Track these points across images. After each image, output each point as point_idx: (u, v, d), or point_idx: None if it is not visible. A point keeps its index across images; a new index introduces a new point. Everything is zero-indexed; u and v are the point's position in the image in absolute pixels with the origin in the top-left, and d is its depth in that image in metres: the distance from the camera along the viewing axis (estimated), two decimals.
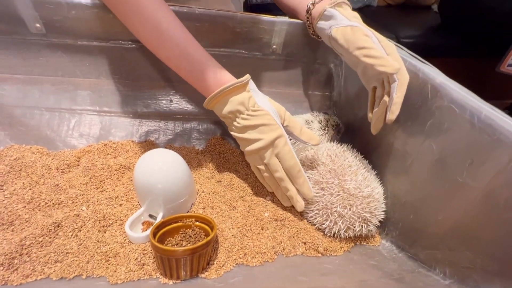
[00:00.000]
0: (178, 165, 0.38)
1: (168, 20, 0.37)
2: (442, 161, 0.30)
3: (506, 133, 0.23)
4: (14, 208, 0.36)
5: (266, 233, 0.38)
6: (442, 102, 0.30)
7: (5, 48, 0.44)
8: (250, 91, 0.38)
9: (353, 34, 0.36)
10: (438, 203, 0.31)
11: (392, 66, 0.33)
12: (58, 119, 0.47)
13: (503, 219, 0.24)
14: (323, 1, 0.42)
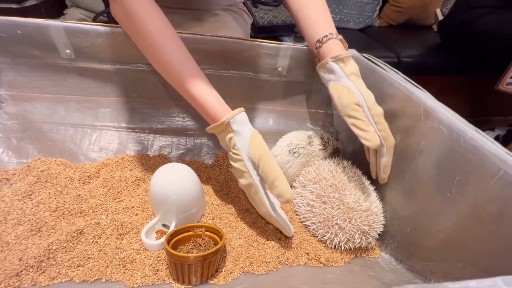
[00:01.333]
0: (191, 178, 0.41)
1: (174, 56, 0.39)
2: (434, 177, 0.33)
3: (488, 154, 0.26)
4: (41, 216, 0.39)
5: (271, 243, 0.40)
6: (433, 124, 0.33)
7: (38, 71, 0.49)
8: (231, 131, 0.38)
9: (346, 99, 0.39)
10: (432, 217, 0.33)
11: (374, 142, 0.37)
12: (81, 134, 0.52)
13: (488, 233, 0.26)
14: (329, 44, 0.43)
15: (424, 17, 1.34)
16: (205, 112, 0.39)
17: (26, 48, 0.47)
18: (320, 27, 0.44)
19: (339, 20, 1.28)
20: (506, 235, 0.24)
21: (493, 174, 0.25)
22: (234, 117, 0.38)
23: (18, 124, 0.49)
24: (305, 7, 0.47)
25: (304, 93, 0.58)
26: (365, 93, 0.40)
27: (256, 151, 0.37)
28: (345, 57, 0.41)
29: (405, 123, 0.38)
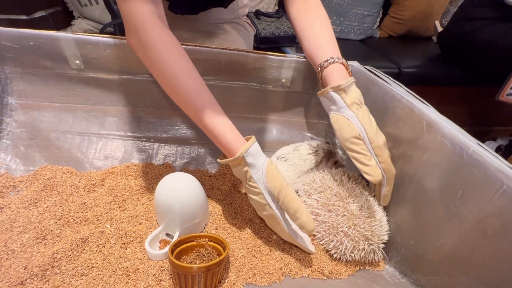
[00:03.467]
0: (195, 188, 0.41)
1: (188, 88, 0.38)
2: (438, 190, 0.33)
3: (491, 168, 0.26)
4: (47, 224, 0.40)
5: (274, 254, 0.40)
6: (436, 137, 0.33)
7: (48, 81, 0.51)
8: (246, 165, 0.37)
9: (347, 132, 0.39)
10: (436, 230, 0.33)
11: (376, 177, 0.37)
12: (87, 143, 0.52)
13: (492, 247, 0.26)
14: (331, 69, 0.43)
15: (423, 28, 1.36)
16: (219, 143, 0.38)
17: (37, 59, 0.48)
18: (322, 50, 0.45)
19: (340, 31, 1.31)
20: (510, 250, 0.24)
21: (497, 189, 0.25)
22: (247, 150, 0.36)
23: (26, 132, 0.50)
24: (308, 28, 0.48)
25: (307, 103, 0.58)
26: (366, 124, 0.39)
27: (274, 184, 0.36)
28: (346, 86, 0.41)
29: (408, 136, 0.39)
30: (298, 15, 0.50)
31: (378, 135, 0.40)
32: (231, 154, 0.37)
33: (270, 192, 0.37)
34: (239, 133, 0.38)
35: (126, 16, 0.38)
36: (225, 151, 0.39)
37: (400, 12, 1.32)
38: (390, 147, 0.40)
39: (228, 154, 0.38)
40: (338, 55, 0.45)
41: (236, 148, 0.37)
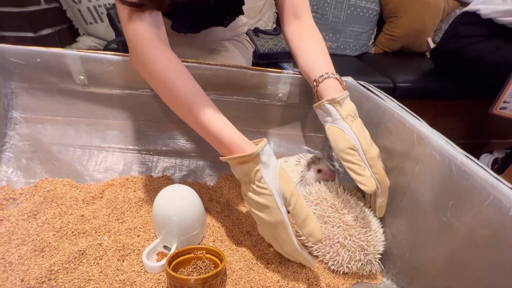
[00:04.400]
0: (193, 200, 0.42)
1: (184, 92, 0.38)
2: (430, 202, 0.34)
3: (478, 179, 0.27)
4: (45, 236, 0.40)
5: (271, 267, 0.40)
6: (426, 150, 0.35)
7: (52, 95, 0.52)
8: (259, 163, 0.35)
9: (342, 143, 0.40)
10: (430, 241, 0.33)
11: (370, 187, 0.38)
12: (88, 155, 0.53)
13: (483, 257, 0.26)
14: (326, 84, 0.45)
15: (417, 44, 1.41)
16: (222, 143, 0.36)
17: (43, 74, 0.50)
18: (317, 66, 0.47)
19: (336, 48, 1.35)
20: (500, 259, 0.25)
21: (484, 199, 0.26)
22: (263, 148, 0.35)
23: (29, 145, 0.51)
24: (303, 46, 0.50)
25: (304, 117, 0.60)
26: (360, 136, 0.40)
27: (287, 186, 0.35)
28: (341, 99, 0.42)
29: (400, 149, 0.40)
30: (293, 35, 0.53)
31: (372, 147, 0.41)
32: (237, 151, 0.35)
33: (282, 195, 0.35)
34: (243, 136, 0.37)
35: (129, 37, 0.40)
36: (228, 151, 0.36)
37: (394, 29, 1.37)
38: (384, 159, 0.41)
39: (233, 152, 0.36)
40: (332, 71, 0.47)
41: (246, 146, 0.35)
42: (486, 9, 0.96)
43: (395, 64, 1.27)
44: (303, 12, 0.53)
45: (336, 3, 1.28)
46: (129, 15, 0.39)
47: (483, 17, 0.97)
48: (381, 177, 0.40)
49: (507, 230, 0.24)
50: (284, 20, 0.54)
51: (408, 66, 1.26)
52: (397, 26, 1.36)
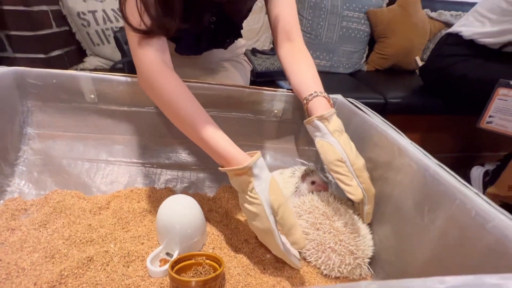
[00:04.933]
0: (194, 209, 0.45)
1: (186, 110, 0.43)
2: (410, 207, 0.37)
3: (448, 185, 0.31)
4: (55, 244, 0.43)
5: (268, 272, 0.43)
6: (405, 160, 0.38)
7: (64, 112, 0.56)
8: (252, 175, 0.38)
9: (331, 156, 0.44)
10: (412, 244, 0.36)
11: (357, 196, 0.41)
12: (95, 169, 0.57)
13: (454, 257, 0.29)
14: (315, 102, 0.48)
15: (407, 63, 1.48)
16: (220, 155, 0.40)
17: (57, 94, 0.55)
18: (307, 85, 0.51)
19: (330, 66, 1.42)
20: (467, 257, 0.28)
21: (452, 203, 0.30)
22: (256, 161, 0.38)
23: (40, 159, 0.55)
24: (295, 67, 0.55)
25: (298, 132, 0.64)
26: (347, 148, 0.44)
27: (276, 197, 0.38)
28: (328, 116, 0.46)
29: (384, 160, 0.43)
30: (286, 57, 0.58)
31: (358, 158, 0.45)
32: (233, 164, 0.39)
33: (271, 205, 0.38)
34: (239, 148, 0.41)
35: (138, 61, 0.45)
36: (225, 162, 0.40)
37: (384, 48, 1.45)
38: (370, 169, 0.45)
39: (230, 164, 0.40)
40: (321, 90, 0.52)
41: (240, 158, 0.39)
42: (467, 31, 1.03)
43: (386, 81, 1.33)
44: (295, 35, 0.58)
45: (329, 25, 1.36)
46: (138, 41, 0.44)
47: (465, 38, 1.04)
48: (367, 186, 0.43)
49: (471, 230, 0.27)
50: (278, 42, 0.60)
51: (398, 83, 1.32)
52: (387, 46, 1.44)
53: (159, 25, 0.42)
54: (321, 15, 1.35)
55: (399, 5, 1.41)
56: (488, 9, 0.98)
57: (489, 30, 0.98)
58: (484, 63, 1.01)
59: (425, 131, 1.32)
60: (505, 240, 0.24)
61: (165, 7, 0.42)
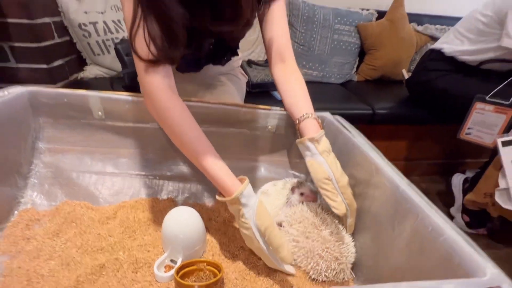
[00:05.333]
0: (195, 220, 0.50)
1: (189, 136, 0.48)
2: (385, 220, 0.43)
3: (413, 202, 0.37)
4: (69, 252, 0.47)
5: (261, 276, 0.48)
6: (381, 179, 0.44)
7: (73, 128, 0.61)
8: (240, 204, 0.44)
9: (319, 174, 0.49)
10: (386, 252, 0.42)
11: (341, 210, 0.47)
12: (102, 181, 0.61)
13: (417, 263, 0.35)
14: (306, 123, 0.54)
15: (395, 73, 1.56)
16: (217, 184, 0.47)
17: (67, 111, 0.59)
18: (299, 108, 0.56)
19: (322, 76, 1.49)
20: (427, 265, 0.34)
21: (415, 218, 0.35)
22: (242, 192, 0.44)
23: (51, 172, 0.59)
24: (288, 86, 0.60)
25: (290, 146, 0.69)
26: (333, 167, 0.50)
27: (262, 222, 0.43)
28: (318, 137, 0.51)
29: (364, 177, 0.49)
30: (279, 76, 0.63)
31: (343, 177, 0.50)
32: (228, 194, 0.45)
33: (258, 229, 0.44)
34: (233, 175, 0.47)
35: (146, 87, 0.50)
36: (222, 191, 0.47)
37: (374, 60, 1.53)
38: (352, 185, 0.51)
39: (225, 194, 0.46)
40: (312, 111, 0.57)
41: (233, 190, 0.44)
42: (448, 48, 1.11)
43: (375, 92, 1.40)
44: (288, 57, 0.64)
45: (321, 38, 1.42)
46: (145, 68, 0.49)
47: (446, 54, 1.11)
48: (350, 201, 0.49)
49: (428, 242, 0.33)
50: (272, 62, 0.65)
51: (386, 93, 1.39)
52: (376, 58, 1.51)
53: (165, 55, 0.47)
54: (314, 28, 1.41)
55: (387, 19, 1.49)
56: (467, 29, 1.05)
57: (468, 48, 1.05)
58: (463, 79, 1.08)
59: (412, 139, 1.40)
60: (452, 251, 0.30)
61: (170, 40, 0.47)
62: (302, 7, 1.40)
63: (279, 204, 0.57)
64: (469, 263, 0.28)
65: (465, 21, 1.08)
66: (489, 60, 1.03)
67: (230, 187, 0.45)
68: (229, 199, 0.45)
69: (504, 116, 0.99)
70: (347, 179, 0.50)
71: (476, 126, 1.05)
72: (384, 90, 1.44)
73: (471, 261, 0.28)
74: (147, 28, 0.45)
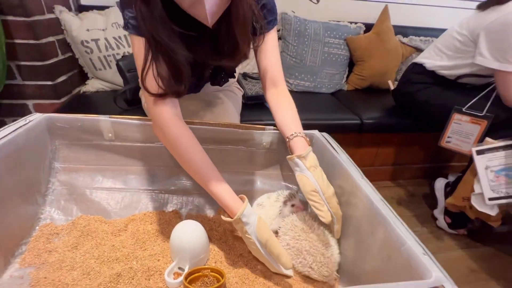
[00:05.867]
0: (200, 232, 0.56)
1: (200, 166, 0.55)
2: (363, 229, 0.50)
3: (383, 215, 0.44)
4: (88, 263, 0.53)
5: (259, 280, 0.55)
6: (359, 194, 0.52)
7: (86, 149, 0.67)
8: (243, 223, 0.51)
9: (307, 187, 0.55)
10: (363, 257, 0.49)
11: (327, 218, 0.53)
12: (113, 196, 0.67)
13: (386, 269, 0.43)
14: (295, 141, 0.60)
15: (382, 83, 1.64)
16: (221, 204, 0.54)
17: (80, 134, 0.65)
18: (289, 126, 0.64)
19: (314, 87, 1.56)
20: (393, 270, 0.41)
21: (384, 230, 0.43)
22: (243, 213, 0.51)
23: (66, 189, 0.65)
24: (279, 108, 0.68)
25: (283, 161, 0.76)
26: (319, 181, 0.57)
27: (262, 236, 0.51)
28: (306, 155, 0.58)
29: (346, 190, 0.57)
30: (272, 99, 0.70)
31: (328, 188, 0.57)
32: (232, 215, 0.53)
33: (259, 242, 0.52)
34: (236, 196, 0.54)
35: (154, 116, 0.56)
36: (226, 210, 0.54)
37: (362, 70, 1.61)
38: (339, 194, 0.58)
39: (230, 214, 0.53)
40: (300, 130, 0.64)
41: (236, 210, 0.52)
42: (429, 63, 1.19)
43: (363, 101, 1.49)
44: (279, 83, 0.71)
45: (312, 51, 1.50)
46: (154, 101, 0.55)
47: (427, 69, 1.20)
48: (335, 210, 0.56)
49: (393, 250, 0.40)
50: (266, 87, 0.72)
51: (374, 103, 1.47)
52: (364, 68, 1.60)
53: (172, 90, 0.54)
54: (305, 42, 1.49)
55: (374, 32, 1.57)
56: (445, 46, 1.14)
57: (446, 64, 1.14)
58: (442, 91, 1.17)
59: (398, 145, 1.49)
60: (411, 258, 0.37)
61: (176, 77, 0.54)
62: (294, 21, 1.47)
63: (273, 215, 0.65)
64: (422, 268, 0.35)
65: (443, 39, 1.17)
66: (465, 75, 1.12)
67: (233, 209, 0.52)
68: (232, 220, 0.52)
69: (478, 127, 1.08)
70: (332, 190, 0.57)
71: (454, 135, 1.14)
72: (372, 100, 1.52)
73: (423, 266, 0.35)
74: (156, 68, 0.51)
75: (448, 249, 1.18)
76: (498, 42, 0.96)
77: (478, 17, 1.03)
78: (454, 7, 1.79)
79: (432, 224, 1.30)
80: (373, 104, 1.46)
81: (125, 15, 0.53)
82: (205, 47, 0.58)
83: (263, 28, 0.63)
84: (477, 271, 1.08)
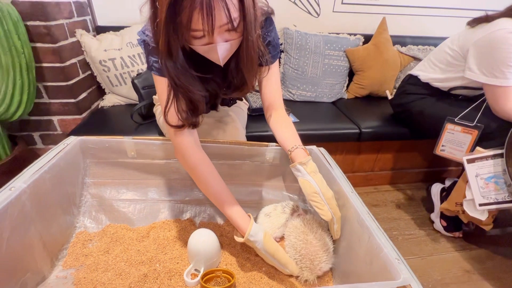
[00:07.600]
0: (213, 238, 0.66)
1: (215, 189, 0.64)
2: (354, 235, 0.58)
3: (366, 227, 0.52)
4: (119, 265, 0.63)
5: (264, 280, 0.64)
6: (349, 206, 0.60)
7: (111, 166, 0.77)
8: (251, 242, 0.60)
9: (309, 189, 0.62)
10: (352, 259, 0.58)
11: (327, 216, 0.60)
12: (135, 206, 0.77)
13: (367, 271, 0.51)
14: (296, 152, 0.67)
15: (381, 91, 1.72)
16: (234, 224, 0.63)
17: (107, 153, 0.75)
18: (289, 141, 0.72)
19: (315, 96, 1.64)
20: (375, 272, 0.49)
21: (368, 239, 0.51)
22: (250, 233, 0.59)
23: (96, 201, 0.75)
24: (279, 128, 0.76)
25: (285, 173, 0.85)
26: (320, 183, 0.65)
27: (269, 249, 0.60)
28: (306, 161, 0.66)
29: (340, 203, 0.65)
30: (273, 121, 0.79)
31: (328, 190, 0.65)
32: (242, 233, 0.61)
33: (268, 253, 0.61)
34: (246, 216, 0.63)
35: (175, 144, 0.65)
36: (237, 230, 0.63)
37: (361, 80, 1.68)
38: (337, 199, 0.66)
39: (241, 232, 0.62)
40: (300, 143, 0.73)
41: (245, 230, 0.60)
42: (423, 75, 1.26)
43: (362, 110, 1.56)
44: (279, 107, 0.80)
45: (313, 63, 1.58)
46: (175, 132, 0.64)
47: (422, 80, 1.27)
48: (334, 210, 0.63)
49: (374, 255, 0.49)
50: (266, 110, 0.81)
51: (373, 112, 1.54)
52: (364, 78, 1.67)
53: (189, 122, 0.63)
54: (306, 55, 1.57)
55: (372, 44, 1.65)
56: (438, 60, 1.21)
57: (439, 76, 1.21)
58: (436, 102, 1.24)
59: (396, 152, 1.56)
60: (387, 263, 0.46)
61: (193, 111, 0.63)
62: (295, 36, 1.56)
63: (278, 224, 0.73)
64: (394, 270, 0.43)
65: (436, 53, 1.24)
66: (457, 87, 1.18)
67: (243, 229, 0.61)
68: (243, 240, 0.61)
69: (470, 136, 1.15)
70: (331, 193, 0.65)
71: (448, 144, 1.21)
72: (371, 108, 1.59)
73: (395, 268, 0.43)
74: (176, 104, 0.61)
75: (444, 251, 1.25)
76: (485, 57, 1.03)
77: (468, 33, 1.10)
78: (450, 16, 1.85)
79: (429, 227, 1.37)
80: (372, 112, 1.53)
81: (149, 59, 0.63)
82: (217, 82, 0.67)
83: (268, 61, 0.72)
84: (471, 271, 1.14)
